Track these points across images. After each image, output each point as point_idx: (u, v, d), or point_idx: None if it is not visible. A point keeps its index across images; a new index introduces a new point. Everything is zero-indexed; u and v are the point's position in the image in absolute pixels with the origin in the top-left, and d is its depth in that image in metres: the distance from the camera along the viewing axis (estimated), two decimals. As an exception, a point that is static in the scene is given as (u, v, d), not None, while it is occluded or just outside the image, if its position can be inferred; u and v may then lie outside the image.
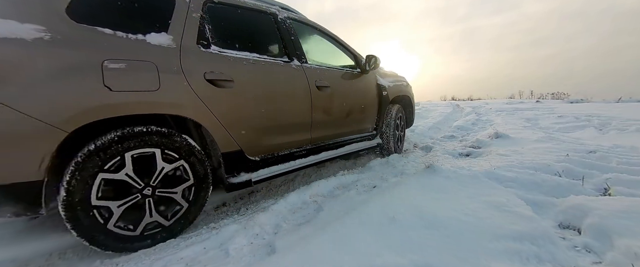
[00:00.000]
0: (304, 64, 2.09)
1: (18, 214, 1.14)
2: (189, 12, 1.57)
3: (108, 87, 1.22)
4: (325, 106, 2.19)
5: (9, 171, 1.08)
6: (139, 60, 1.32)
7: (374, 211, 1.38)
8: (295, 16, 2.27)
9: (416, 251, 1.08)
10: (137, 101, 1.30)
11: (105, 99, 1.21)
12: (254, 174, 1.74)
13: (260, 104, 1.75)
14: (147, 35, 1.39)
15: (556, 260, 1.06)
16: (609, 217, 1.25)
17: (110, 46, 1.27)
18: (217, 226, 1.49)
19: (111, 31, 1.29)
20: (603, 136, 3.59)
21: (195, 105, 1.46)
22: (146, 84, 1.32)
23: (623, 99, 10.65)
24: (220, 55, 1.61)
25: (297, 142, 2.05)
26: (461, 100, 17.82)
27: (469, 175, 1.81)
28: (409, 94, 3.39)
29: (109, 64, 1.24)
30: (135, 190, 1.30)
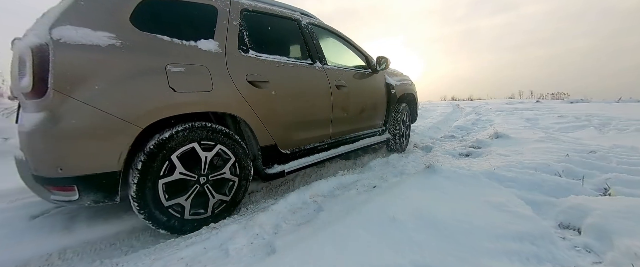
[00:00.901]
0: (325, 66, 2.29)
1: (97, 201, 1.28)
2: (230, 20, 1.73)
3: (172, 88, 1.37)
4: (343, 104, 2.38)
5: (93, 162, 1.22)
6: (195, 64, 1.49)
7: (374, 211, 1.38)
8: (314, 21, 2.45)
9: (416, 251, 1.08)
10: (196, 101, 1.46)
11: (171, 99, 1.37)
12: (286, 166, 1.93)
13: (291, 102, 1.94)
14: (198, 42, 1.55)
15: (556, 260, 1.06)
16: (609, 217, 1.25)
17: (171, 51, 1.42)
18: (217, 226, 1.49)
19: (169, 38, 1.44)
20: (603, 136, 3.59)
21: (240, 104, 1.64)
22: (202, 85, 1.49)
23: (623, 99, 10.65)
24: (257, 59, 1.79)
25: (319, 136, 2.24)
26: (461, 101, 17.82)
27: (469, 175, 1.81)
28: (414, 92, 3.63)
29: (172, 68, 1.39)
30: (192, 182, 1.48)
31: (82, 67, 1.19)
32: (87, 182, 1.22)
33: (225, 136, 1.56)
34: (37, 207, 1.75)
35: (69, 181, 1.20)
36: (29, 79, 1.15)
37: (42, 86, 1.14)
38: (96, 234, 1.51)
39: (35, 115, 1.17)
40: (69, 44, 1.17)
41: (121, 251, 1.39)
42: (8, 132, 2.91)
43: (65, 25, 1.20)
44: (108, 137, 1.23)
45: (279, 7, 2.17)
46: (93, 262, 1.28)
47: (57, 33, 1.17)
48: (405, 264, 1.01)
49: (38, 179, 1.22)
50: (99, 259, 1.29)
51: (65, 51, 1.16)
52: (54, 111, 1.15)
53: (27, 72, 1.16)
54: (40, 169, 1.20)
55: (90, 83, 1.19)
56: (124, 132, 1.25)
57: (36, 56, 1.14)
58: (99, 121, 1.20)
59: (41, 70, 1.14)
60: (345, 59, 2.71)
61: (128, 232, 1.55)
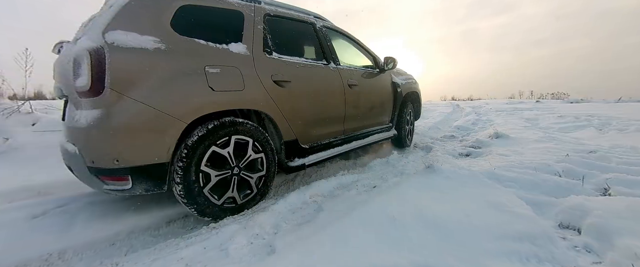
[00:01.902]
0: (338, 66, 2.43)
1: (148, 190, 1.41)
2: (255, 24, 1.86)
3: (211, 87, 1.52)
4: (355, 102, 2.52)
5: (145, 154, 1.35)
6: (228, 66, 1.63)
7: (374, 211, 1.38)
8: (327, 24, 2.58)
9: (416, 251, 1.08)
10: (231, 99, 1.61)
11: (211, 97, 1.52)
12: (306, 159, 2.07)
13: (310, 100, 2.09)
14: (229, 45, 1.69)
15: (556, 260, 1.06)
16: (609, 217, 1.25)
17: (207, 54, 1.56)
18: (217, 226, 1.49)
19: (204, 42, 1.58)
20: (603, 136, 3.59)
21: (267, 102, 1.79)
22: (236, 85, 1.64)
23: (623, 99, 10.65)
24: (280, 60, 1.93)
25: (334, 132, 2.39)
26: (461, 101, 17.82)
27: (469, 175, 1.81)
28: (418, 90, 3.76)
29: (209, 69, 1.54)
30: (228, 172, 1.61)
31: (134, 68, 1.32)
32: (139, 173, 1.35)
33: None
34: (36, 207, 1.75)
35: (123, 171, 1.32)
36: (87, 79, 1.26)
37: (100, 85, 1.26)
38: (96, 234, 1.51)
39: (92, 112, 1.30)
40: (121, 47, 1.30)
41: (121, 251, 1.39)
42: (8, 132, 2.91)
43: (116, 30, 1.33)
44: (159, 132, 1.36)
45: (296, 12, 2.30)
46: (93, 262, 1.28)
47: (110, 37, 1.30)
48: (405, 264, 1.01)
49: (93, 170, 1.33)
50: (99, 259, 1.29)
51: (118, 54, 1.28)
52: (111, 108, 1.27)
53: (83, 73, 1.28)
54: (97, 161, 1.31)
55: (141, 83, 1.32)
56: (172, 127, 1.39)
57: (94, 58, 1.26)
58: (151, 117, 1.33)
59: (98, 71, 1.26)
60: (355, 59, 2.82)
61: (128, 232, 1.55)
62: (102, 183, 1.37)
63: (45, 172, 2.31)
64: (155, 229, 1.58)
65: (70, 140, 1.44)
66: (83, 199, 1.90)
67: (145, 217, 1.68)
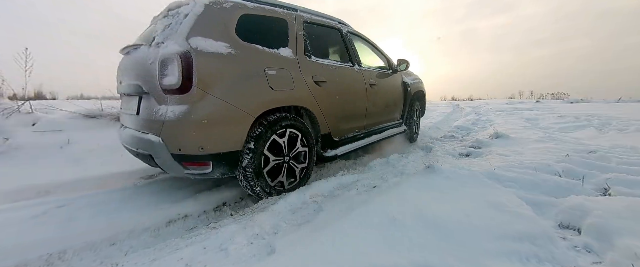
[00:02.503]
0: (361, 68, 2.70)
1: (223, 174, 1.66)
2: (297, 31, 2.10)
3: (271, 87, 1.77)
4: (374, 100, 2.79)
5: (224, 143, 1.59)
6: (281, 68, 1.87)
7: (374, 211, 1.38)
8: (350, 29, 2.83)
9: (416, 251, 1.08)
10: (285, 97, 1.86)
11: (271, 95, 1.76)
12: (337, 150, 2.32)
13: (340, 98, 2.33)
14: (279, 50, 1.92)
15: (556, 260, 1.06)
16: (609, 217, 1.25)
17: (265, 58, 1.81)
18: (217, 225, 1.49)
19: (261, 47, 1.81)
20: (603, 136, 3.59)
21: (311, 100, 2.04)
22: (288, 85, 1.88)
23: (623, 99, 10.65)
24: (317, 63, 2.17)
25: (357, 127, 2.66)
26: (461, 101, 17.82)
27: (469, 175, 1.81)
28: (423, 89, 4.10)
29: (268, 71, 1.78)
30: (281, 160, 1.87)
31: (213, 70, 1.54)
32: (218, 159, 1.58)
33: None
34: (36, 207, 1.75)
35: (206, 157, 1.55)
36: (177, 79, 1.46)
37: (188, 84, 1.47)
38: (96, 234, 1.51)
39: (180, 107, 1.49)
40: (203, 52, 1.52)
41: (121, 251, 1.39)
42: (8, 132, 2.91)
43: (196, 36, 1.54)
44: (234, 124, 1.61)
45: (325, 18, 2.55)
46: (93, 262, 1.28)
47: (193, 43, 1.51)
48: (405, 264, 1.01)
49: (178, 157, 1.53)
50: (99, 259, 1.29)
51: (201, 57, 1.50)
52: (197, 104, 1.49)
53: (172, 73, 1.47)
54: (184, 148, 1.51)
55: (219, 82, 1.55)
56: (244, 120, 1.63)
57: (183, 61, 1.46)
58: (228, 112, 1.57)
59: (187, 72, 1.46)
60: (372, 61, 3.07)
61: (128, 232, 1.55)
62: (183, 168, 1.58)
63: (45, 172, 2.31)
64: (155, 229, 1.58)
65: (152, 131, 1.59)
66: (83, 199, 1.90)
67: (146, 217, 1.68)
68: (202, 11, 1.63)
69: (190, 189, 2.08)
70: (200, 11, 1.63)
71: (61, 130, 3.16)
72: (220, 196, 1.97)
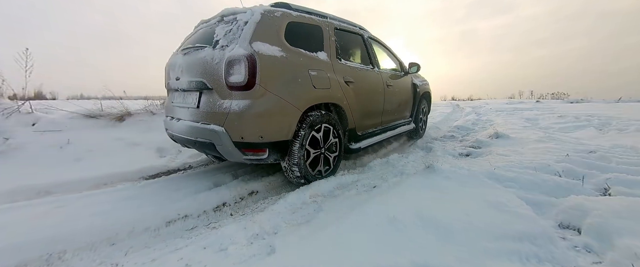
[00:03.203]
0: (379, 70, 2.97)
1: (276, 160, 1.93)
2: (330, 36, 2.36)
3: (314, 86, 2.03)
4: (390, 99, 3.08)
5: (278, 133, 1.84)
6: (320, 69, 2.13)
7: (374, 211, 1.38)
8: (370, 34, 3.11)
9: (416, 251, 1.08)
10: (325, 95, 2.11)
11: (314, 93, 2.02)
12: (359, 144, 2.55)
13: (364, 96, 2.58)
14: (317, 53, 2.18)
15: (556, 260, 1.06)
16: (609, 217, 1.25)
17: (308, 60, 2.07)
18: (217, 226, 1.49)
19: (304, 51, 2.07)
20: (603, 136, 3.59)
21: (343, 98, 2.28)
22: (325, 84, 2.13)
23: (623, 99, 10.65)
24: (346, 65, 2.44)
25: (375, 123, 2.92)
26: (461, 101, 17.81)
27: (468, 175, 1.81)
28: (430, 90, 4.41)
29: (311, 72, 2.04)
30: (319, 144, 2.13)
31: (271, 70, 1.80)
32: (274, 146, 1.84)
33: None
34: (36, 207, 1.75)
35: (264, 145, 1.80)
36: (244, 77, 1.72)
37: (253, 82, 1.73)
38: (96, 234, 1.51)
39: (245, 102, 1.74)
40: (263, 54, 1.78)
41: (121, 251, 1.39)
42: (8, 132, 2.91)
43: (257, 41, 1.80)
44: (287, 117, 1.85)
45: (350, 25, 2.83)
46: (93, 262, 1.28)
47: (255, 46, 1.77)
48: (405, 263, 1.01)
49: (240, 144, 1.77)
50: (99, 259, 1.29)
51: (262, 59, 1.76)
52: (259, 99, 1.75)
53: (240, 72, 1.73)
54: (247, 137, 1.76)
55: (275, 81, 1.82)
56: (294, 114, 1.88)
57: (250, 62, 1.72)
58: (283, 106, 1.82)
59: (252, 71, 1.72)
60: (387, 63, 3.34)
61: (128, 232, 1.55)
62: (242, 154, 1.81)
63: (45, 172, 2.31)
64: (155, 229, 1.58)
65: (215, 122, 1.82)
66: (83, 199, 1.90)
67: (146, 217, 1.68)
68: (260, 19, 1.89)
69: (190, 189, 2.08)
70: (258, 19, 1.89)
71: (61, 131, 3.16)
72: (220, 196, 1.97)
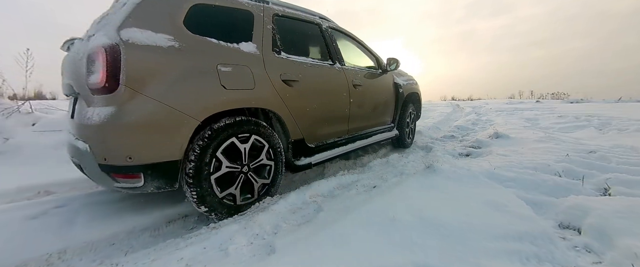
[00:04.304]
0: (343, 66, 2.46)
1: (159, 187, 1.40)
2: (264, 24, 1.88)
3: (223, 86, 1.53)
4: (359, 102, 2.55)
5: (158, 152, 1.34)
6: (240, 65, 1.64)
7: (374, 211, 1.38)
8: (332, 25, 2.60)
9: (416, 251, 1.08)
10: (243, 97, 1.62)
11: (223, 96, 1.52)
12: (312, 158, 2.10)
13: (316, 99, 2.11)
14: (240, 44, 1.70)
15: (556, 260, 1.06)
16: (609, 217, 1.25)
17: (219, 53, 1.58)
18: (217, 226, 1.48)
19: (216, 41, 1.59)
20: (603, 136, 3.59)
21: (277, 101, 1.81)
22: (247, 83, 1.65)
23: (623, 99, 10.65)
24: (288, 60, 1.95)
25: (339, 132, 2.43)
26: (461, 101, 17.82)
27: (468, 175, 1.80)
28: (418, 91, 3.82)
29: (222, 68, 1.55)
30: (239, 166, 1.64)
31: (148, 66, 1.32)
32: (152, 170, 1.34)
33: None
34: (36, 207, 1.75)
35: (136, 169, 1.31)
36: (101, 76, 1.25)
37: (114, 82, 1.25)
38: (96, 234, 1.51)
39: (106, 109, 1.28)
40: (137, 45, 1.30)
41: (121, 251, 1.39)
42: (9, 132, 2.91)
43: (131, 27, 1.33)
44: (172, 129, 1.36)
45: (302, 12, 2.32)
46: (93, 262, 1.28)
47: (125, 34, 1.29)
48: (405, 264, 1.01)
49: (105, 168, 1.31)
50: (99, 259, 1.29)
51: (133, 51, 1.28)
52: (125, 105, 1.27)
53: (97, 70, 1.26)
54: (110, 158, 1.30)
55: (155, 80, 1.33)
56: (185, 125, 1.39)
57: (109, 55, 1.24)
58: (165, 115, 1.33)
59: (113, 68, 1.25)
60: (359, 60, 2.86)
61: (127, 232, 1.55)
62: (113, 181, 1.36)
63: (45, 172, 2.31)
64: (155, 229, 1.58)
65: (81, 137, 1.41)
66: (83, 199, 1.90)
67: (145, 217, 1.68)
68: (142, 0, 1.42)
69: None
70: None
71: (61, 130, 3.16)
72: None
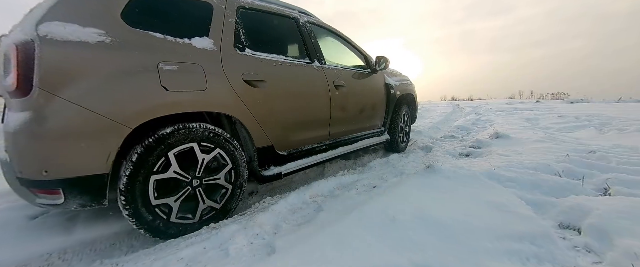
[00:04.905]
0: (323, 65, 2.25)
1: (83, 205, 1.23)
2: (226, 17, 1.69)
3: (164, 87, 1.33)
4: (342, 104, 2.34)
5: (80, 164, 1.17)
6: (189, 63, 1.45)
7: (374, 211, 1.38)
8: (313, 20, 2.42)
9: (416, 251, 1.08)
10: (189, 100, 1.42)
11: (163, 98, 1.33)
12: (283, 167, 1.90)
13: (289, 102, 1.92)
14: (192, 39, 1.51)
15: (556, 260, 1.06)
16: (609, 217, 1.25)
17: (163, 49, 1.38)
18: (217, 226, 1.48)
19: (162, 35, 1.41)
20: (603, 136, 3.59)
21: (236, 104, 1.61)
22: (196, 84, 1.45)
23: (623, 99, 10.66)
24: (254, 58, 1.75)
25: (318, 137, 2.21)
26: (461, 101, 17.83)
27: (469, 175, 1.81)
28: (413, 92, 3.60)
29: (164, 66, 1.35)
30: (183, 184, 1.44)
31: (70, 65, 1.15)
32: (73, 185, 1.17)
33: (219, 138, 1.52)
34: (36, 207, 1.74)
35: (54, 184, 1.15)
36: (13, 77, 1.10)
37: (27, 84, 1.09)
38: (96, 234, 1.51)
39: (20, 115, 1.12)
40: (56, 41, 1.13)
41: (121, 251, 1.39)
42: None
43: (53, 21, 1.15)
44: (96, 138, 1.18)
45: (276, 5, 2.13)
46: (93, 262, 1.28)
47: (44, 29, 1.12)
48: (405, 263, 1.01)
49: (23, 181, 1.17)
50: (99, 259, 1.29)
51: (51, 48, 1.11)
52: (40, 111, 1.10)
53: (10, 70, 1.12)
54: (24, 171, 1.14)
55: (78, 81, 1.15)
56: (113, 133, 1.21)
57: (21, 53, 1.09)
58: (87, 121, 1.15)
59: (26, 68, 1.09)
60: (344, 59, 2.69)
61: (128, 232, 1.55)
62: (34, 196, 1.21)
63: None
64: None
65: (4, 146, 1.25)
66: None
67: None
68: None
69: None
70: None
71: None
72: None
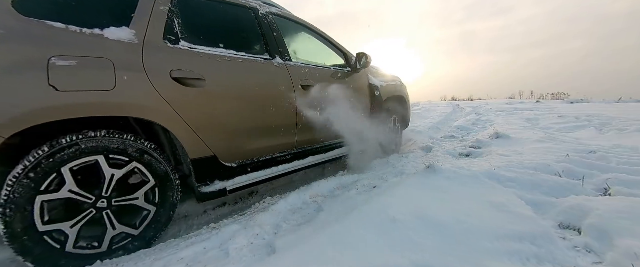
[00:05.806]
0: (287, 62, 1.98)
1: None
2: (156, 5, 1.45)
3: (53, 86, 1.09)
4: (311, 107, 2.06)
5: None
6: (92, 57, 1.20)
7: (374, 210, 1.38)
8: (278, 11, 2.15)
9: (416, 251, 1.08)
10: (86, 102, 1.17)
11: (49, 100, 1.09)
12: (229, 182, 1.62)
13: (237, 104, 1.65)
14: (105, 30, 1.27)
15: (556, 260, 1.06)
16: (609, 217, 1.25)
17: (60, 41, 1.15)
18: (217, 226, 1.49)
19: (63, 25, 1.17)
20: (603, 136, 3.59)
21: (158, 107, 1.33)
22: (98, 83, 1.19)
23: (623, 99, 10.67)
24: (190, 52, 1.49)
25: (280, 146, 1.94)
26: (461, 101, 17.83)
27: (469, 175, 1.80)
28: (404, 94, 3.30)
29: (57, 61, 1.11)
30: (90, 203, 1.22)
31: None
32: None
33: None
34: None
35: None
36: None
37: None
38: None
39: None
40: None
41: (121, 251, 1.39)
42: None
43: None
44: None
45: None
46: (93, 262, 1.27)
47: None
48: (405, 264, 1.01)
49: None
50: (99, 259, 1.29)
51: None
52: None
53: None
54: None
55: None
56: None
57: None
58: None
59: None
60: (319, 56, 2.43)
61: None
62: None
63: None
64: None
65: None
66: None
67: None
68: None
69: (190, 189, 2.08)
70: None
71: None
72: (221, 196, 1.97)
